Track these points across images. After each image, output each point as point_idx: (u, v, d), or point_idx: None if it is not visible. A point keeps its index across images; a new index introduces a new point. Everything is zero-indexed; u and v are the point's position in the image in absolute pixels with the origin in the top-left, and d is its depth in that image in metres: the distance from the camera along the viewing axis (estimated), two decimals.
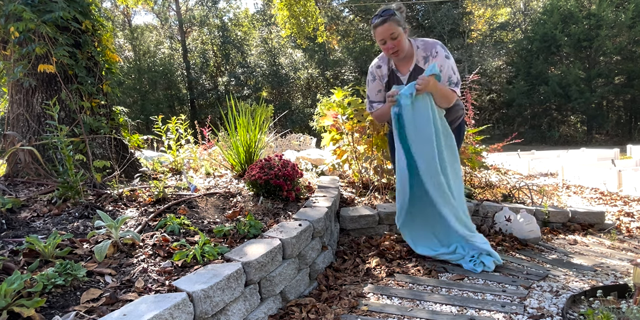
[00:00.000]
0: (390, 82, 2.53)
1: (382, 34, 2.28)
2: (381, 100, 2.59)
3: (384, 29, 2.27)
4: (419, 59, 2.40)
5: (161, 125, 3.70)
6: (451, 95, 2.36)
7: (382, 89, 2.56)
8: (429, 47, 2.37)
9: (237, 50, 24.65)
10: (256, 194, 2.77)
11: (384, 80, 2.54)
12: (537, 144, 18.86)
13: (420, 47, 2.39)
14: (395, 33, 2.26)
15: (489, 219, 3.21)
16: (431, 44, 2.38)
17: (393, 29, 2.26)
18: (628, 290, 1.82)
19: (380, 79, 2.55)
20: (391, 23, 2.25)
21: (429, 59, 2.37)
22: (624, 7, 18.24)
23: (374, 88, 2.58)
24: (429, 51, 2.36)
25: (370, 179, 3.77)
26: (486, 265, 2.37)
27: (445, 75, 2.34)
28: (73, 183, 2.28)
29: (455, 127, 2.63)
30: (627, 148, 10.08)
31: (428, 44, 2.39)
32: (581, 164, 6.93)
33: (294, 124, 20.81)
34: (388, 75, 2.52)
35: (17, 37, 2.70)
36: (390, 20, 2.26)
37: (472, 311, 1.88)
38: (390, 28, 2.26)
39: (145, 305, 1.27)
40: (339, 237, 2.90)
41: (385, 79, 2.53)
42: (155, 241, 1.89)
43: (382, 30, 2.27)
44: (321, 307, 1.89)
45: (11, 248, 1.70)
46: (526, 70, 20.68)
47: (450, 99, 2.38)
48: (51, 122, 2.46)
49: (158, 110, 20.04)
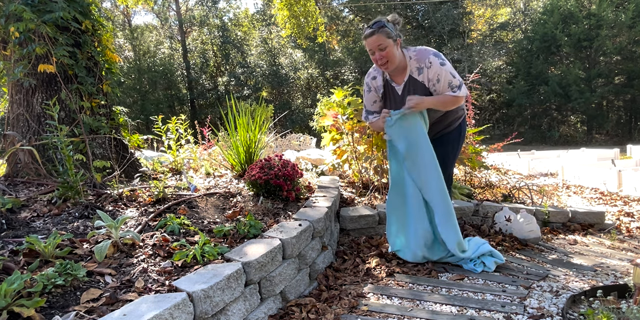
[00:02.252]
0: (387, 93, 2.54)
1: (371, 44, 2.32)
2: (377, 110, 2.59)
3: (373, 40, 2.30)
4: (412, 69, 2.40)
5: (161, 125, 3.70)
6: (451, 100, 2.37)
7: (378, 99, 2.58)
8: (422, 58, 2.36)
9: (237, 50, 24.64)
10: (256, 194, 2.77)
11: (379, 91, 2.55)
12: (537, 144, 18.86)
13: (413, 57, 2.38)
14: (383, 44, 2.29)
15: (489, 219, 3.21)
16: (424, 54, 2.37)
17: (381, 41, 2.28)
18: (628, 290, 1.82)
19: (375, 91, 2.56)
20: (379, 35, 2.28)
21: (423, 70, 2.36)
22: (624, 7, 18.22)
23: (370, 99, 2.60)
24: (423, 62, 2.35)
25: (370, 179, 3.77)
26: (486, 266, 2.38)
27: (445, 82, 2.34)
28: (73, 183, 2.28)
29: (456, 127, 2.63)
30: (627, 148, 10.09)
31: (421, 54, 2.38)
32: (581, 164, 6.93)
33: (294, 124, 20.81)
34: (383, 85, 2.53)
35: (17, 37, 2.70)
36: (378, 33, 2.28)
37: (472, 311, 1.88)
38: (378, 40, 2.28)
39: (145, 305, 1.27)
40: (339, 237, 2.90)
41: (381, 90, 2.54)
42: (155, 241, 1.89)
43: (371, 41, 2.31)
44: (321, 307, 1.89)
45: (11, 248, 1.70)
46: (526, 70, 20.67)
47: (454, 103, 2.40)
48: (51, 122, 2.46)
49: (158, 110, 20.04)
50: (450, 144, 2.61)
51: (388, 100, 2.55)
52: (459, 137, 2.65)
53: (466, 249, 2.42)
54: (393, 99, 2.52)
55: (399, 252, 2.53)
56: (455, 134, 2.63)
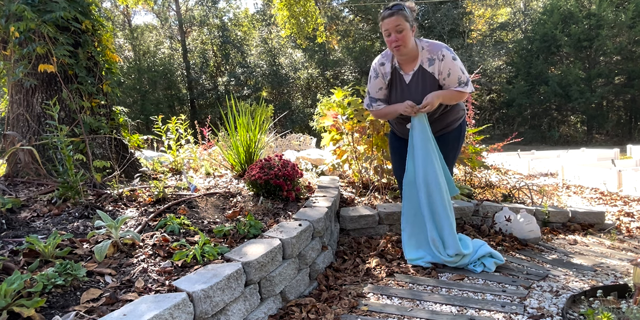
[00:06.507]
0: (393, 80, 2.53)
1: (388, 24, 2.32)
2: (382, 98, 2.59)
3: (391, 20, 2.31)
4: (423, 60, 2.41)
5: (161, 125, 3.70)
6: (457, 95, 2.42)
7: (384, 86, 2.57)
8: (434, 50, 2.39)
9: (237, 50, 24.64)
10: (256, 194, 2.77)
11: (386, 78, 2.54)
12: (537, 144, 18.86)
13: (426, 48, 2.41)
14: (401, 26, 2.30)
15: (489, 219, 3.21)
16: (437, 46, 2.40)
17: (399, 22, 2.29)
18: (628, 290, 1.82)
19: (382, 77, 2.55)
20: (399, 17, 2.30)
21: (434, 61, 2.39)
22: (624, 7, 18.23)
23: (375, 85, 2.58)
24: (435, 54, 2.38)
25: (370, 179, 3.77)
26: (486, 266, 2.38)
27: (455, 77, 2.38)
28: (73, 183, 2.28)
29: (456, 127, 2.63)
30: (627, 148, 10.09)
31: (434, 46, 2.41)
32: (581, 164, 6.93)
33: (294, 124, 20.81)
34: (391, 73, 2.52)
35: (17, 37, 2.70)
36: (398, 14, 2.30)
37: (472, 311, 1.88)
38: (397, 20, 2.30)
39: (145, 305, 1.27)
40: (339, 237, 2.90)
41: (388, 77, 2.53)
42: (155, 241, 1.89)
43: (389, 21, 2.31)
44: (321, 307, 1.89)
45: (11, 248, 1.70)
46: (526, 70, 20.68)
47: (459, 98, 2.46)
48: (51, 122, 2.46)
49: (158, 110, 20.04)
50: (450, 144, 2.62)
51: (394, 88, 2.55)
52: (459, 137, 2.65)
53: (465, 253, 2.41)
54: (400, 88, 2.52)
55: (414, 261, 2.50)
56: (456, 134, 2.63)
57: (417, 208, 2.50)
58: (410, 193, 2.51)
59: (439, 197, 2.38)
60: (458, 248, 2.37)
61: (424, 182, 2.40)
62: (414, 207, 2.51)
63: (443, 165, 2.48)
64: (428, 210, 2.42)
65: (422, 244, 2.50)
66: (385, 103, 2.60)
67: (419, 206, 2.47)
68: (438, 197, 2.38)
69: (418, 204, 2.48)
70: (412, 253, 2.51)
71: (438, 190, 2.38)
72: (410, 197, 2.52)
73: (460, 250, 2.37)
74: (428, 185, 2.39)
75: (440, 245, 2.41)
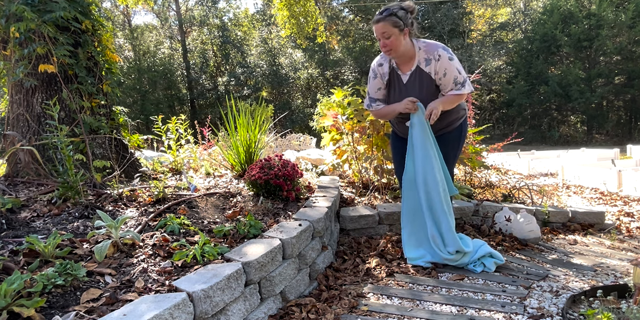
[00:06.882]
0: (392, 80, 2.56)
1: (376, 31, 2.39)
2: (381, 98, 2.62)
3: (378, 27, 2.36)
4: (420, 60, 2.44)
5: (161, 125, 3.70)
6: (456, 98, 2.43)
7: (383, 87, 2.60)
8: (431, 50, 2.40)
9: (237, 50, 24.64)
10: (256, 194, 2.77)
11: (384, 79, 2.57)
12: (537, 144, 18.86)
13: (423, 48, 2.43)
14: (387, 33, 2.34)
15: (489, 219, 3.21)
16: (433, 46, 2.42)
17: (385, 29, 2.33)
18: (628, 290, 1.82)
19: (381, 77, 2.58)
20: (385, 23, 2.32)
21: (431, 61, 2.40)
22: (624, 7, 18.23)
23: (374, 85, 2.62)
24: (432, 54, 2.39)
25: (370, 179, 3.77)
26: (486, 267, 2.38)
27: (450, 77, 2.39)
28: (73, 183, 2.28)
29: (457, 127, 2.63)
30: (627, 148, 10.09)
31: (430, 47, 2.42)
32: (581, 164, 6.93)
33: (294, 124, 20.81)
34: (389, 73, 2.55)
35: (17, 37, 2.70)
36: (384, 21, 2.32)
37: (472, 311, 1.88)
38: (384, 27, 2.33)
39: (145, 305, 1.27)
40: (339, 237, 2.90)
41: (386, 77, 2.56)
42: (155, 241, 1.89)
43: (376, 28, 2.38)
44: (321, 307, 1.89)
45: (11, 248, 1.70)
46: (526, 70, 20.68)
47: (459, 100, 2.46)
48: (51, 122, 2.46)
49: (158, 110, 20.03)
50: (450, 144, 2.62)
51: (392, 88, 2.57)
52: (459, 137, 2.65)
53: (466, 251, 2.41)
54: (398, 88, 2.54)
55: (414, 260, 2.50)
56: (456, 134, 2.63)
57: (417, 206, 2.50)
58: (410, 191, 2.52)
59: (437, 195, 2.39)
60: (458, 245, 2.37)
61: (423, 180, 2.41)
62: (414, 206, 2.51)
63: (442, 164, 2.48)
64: (427, 208, 2.43)
65: (423, 242, 2.50)
66: (384, 103, 2.62)
67: (419, 204, 2.47)
68: (436, 196, 2.39)
69: (418, 203, 2.48)
70: (412, 252, 2.51)
71: (436, 188, 2.39)
72: (410, 196, 2.52)
73: (460, 247, 2.37)
74: (427, 183, 2.40)
75: (440, 243, 2.41)
